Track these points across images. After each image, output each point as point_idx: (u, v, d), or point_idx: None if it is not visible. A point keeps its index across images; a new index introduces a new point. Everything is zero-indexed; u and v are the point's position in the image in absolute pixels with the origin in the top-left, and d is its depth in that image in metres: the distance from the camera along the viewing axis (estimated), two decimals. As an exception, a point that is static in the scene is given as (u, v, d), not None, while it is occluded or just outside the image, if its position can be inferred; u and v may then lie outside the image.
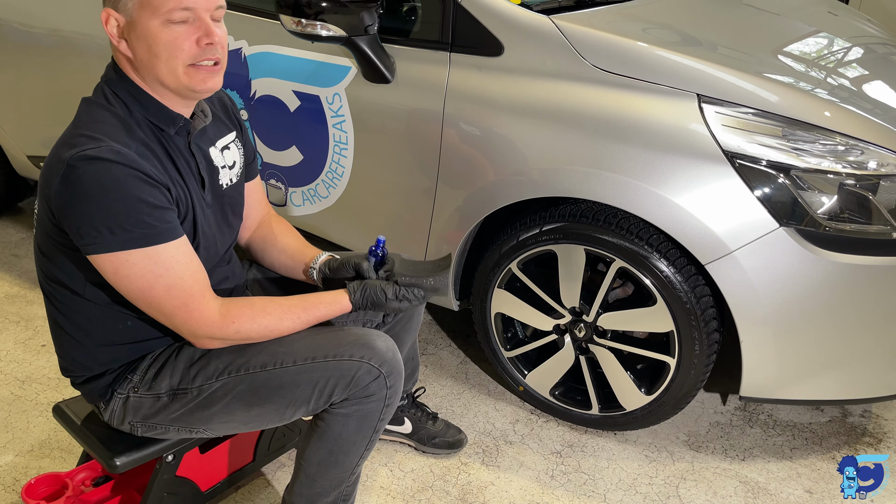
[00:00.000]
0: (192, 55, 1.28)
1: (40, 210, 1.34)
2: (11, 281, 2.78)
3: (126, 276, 1.26)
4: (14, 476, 1.91)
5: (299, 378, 1.38)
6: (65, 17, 2.49)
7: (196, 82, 1.30)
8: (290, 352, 1.39)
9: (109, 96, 1.32)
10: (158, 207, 1.25)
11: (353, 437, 1.44)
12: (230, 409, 1.41)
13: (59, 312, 1.43)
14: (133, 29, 1.27)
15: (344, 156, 2.11)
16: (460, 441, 2.03)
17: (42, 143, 2.78)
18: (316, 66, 2.07)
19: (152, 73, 1.29)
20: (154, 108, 1.33)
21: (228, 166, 1.49)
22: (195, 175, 1.39)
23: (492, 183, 1.92)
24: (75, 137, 1.25)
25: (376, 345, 1.41)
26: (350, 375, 1.38)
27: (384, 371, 1.40)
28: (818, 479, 1.97)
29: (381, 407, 1.43)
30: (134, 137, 1.28)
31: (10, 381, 2.24)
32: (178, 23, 1.26)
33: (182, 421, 1.44)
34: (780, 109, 1.71)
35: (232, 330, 1.34)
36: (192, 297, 1.30)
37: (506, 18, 1.86)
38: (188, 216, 1.36)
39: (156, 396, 1.42)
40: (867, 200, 1.68)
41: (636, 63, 1.78)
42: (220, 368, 1.40)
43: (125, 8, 1.26)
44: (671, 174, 1.71)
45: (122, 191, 1.21)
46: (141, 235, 1.23)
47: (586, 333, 2.01)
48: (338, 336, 1.42)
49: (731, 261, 1.70)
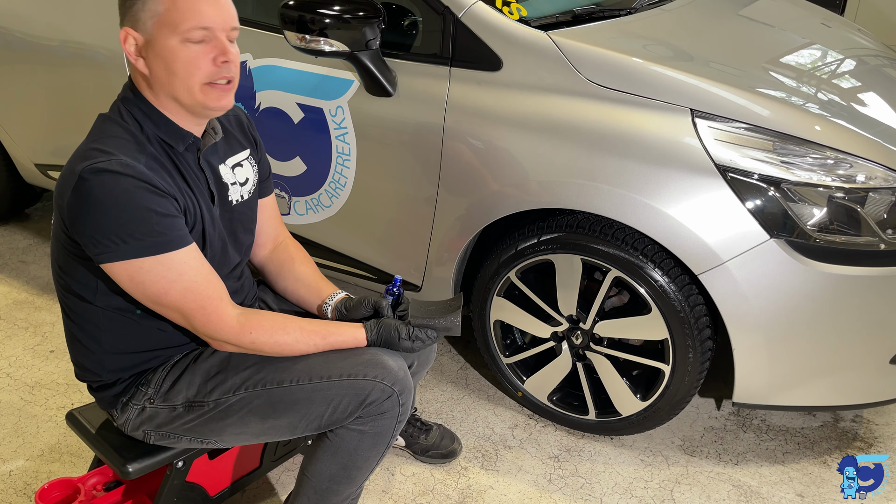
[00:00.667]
0: (209, 73, 1.32)
1: (55, 221, 1.38)
2: (19, 287, 2.83)
3: (141, 283, 1.31)
4: (25, 480, 1.96)
5: (315, 395, 1.43)
6: (72, 28, 2.54)
7: (210, 100, 1.34)
8: (307, 369, 1.44)
9: (123, 113, 1.36)
10: (167, 216, 1.29)
11: (368, 452, 1.49)
12: (245, 421, 1.46)
13: (72, 321, 1.48)
14: (151, 47, 1.31)
15: (346, 166, 2.16)
16: (454, 451, 2.07)
17: (49, 152, 2.83)
18: (319, 79, 2.11)
19: (168, 90, 1.33)
20: (165, 125, 1.37)
21: (240, 183, 1.53)
22: (205, 189, 1.44)
23: (491, 194, 1.96)
24: (87, 151, 1.29)
25: (389, 364, 1.45)
26: (364, 394, 1.43)
27: (396, 390, 1.44)
28: (809, 483, 2.02)
29: (394, 423, 1.47)
30: (144, 152, 1.32)
31: (19, 387, 2.29)
32: (196, 42, 1.29)
33: (195, 431, 1.48)
34: (771, 124, 1.76)
35: (248, 339, 1.39)
36: (210, 301, 1.35)
37: (504, 34, 1.91)
38: (196, 227, 1.40)
39: (171, 407, 1.47)
40: (856, 213, 1.73)
41: (631, 78, 1.82)
42: (237, 384, 1.44)
43: (144, 27, 1.30)
44: (665, 187, 1.76)
45: (132, 201, 1.26)
46: (152, 244, 1.28)
47: (583, 340, 2.06)
48: (352, 355, 1.46)
49: (723, 271, 1.75)
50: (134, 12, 1.30)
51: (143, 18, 1.29)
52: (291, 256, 1.69)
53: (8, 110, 2.85)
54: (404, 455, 2.08)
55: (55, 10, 2.58)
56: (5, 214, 3.26)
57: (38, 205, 3.44)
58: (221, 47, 1.32)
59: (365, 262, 2.29)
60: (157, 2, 1.28)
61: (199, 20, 1.28)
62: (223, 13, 1.31)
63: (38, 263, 2.99)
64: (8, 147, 2.96)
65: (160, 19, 1.28)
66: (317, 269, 1.70)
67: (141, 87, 1.37)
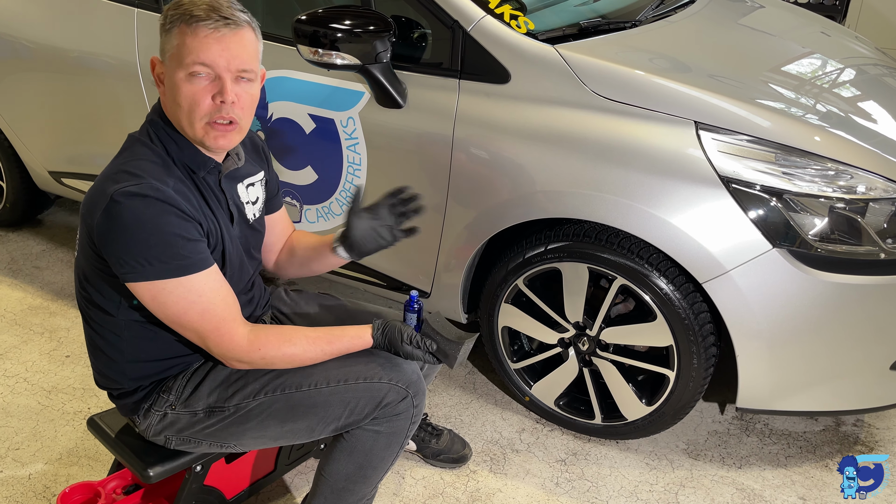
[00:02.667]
0: (208, 112, 1.36)
1: (82, 236, 1.43)
2: (34, 292, 2.88)
3: (163, 303, 1.36)
4: (44, 483, 2.01)
5: (332, 398, 1.49)
6: (87, 40, 2.58)
7: (209, 139, 1.38)
8: (324, 374, 1.50)
9: (152, 135, 1.42)
10: (191, 241, 1.35)
11: (383, 452, 1.55)
12: (264, 425, 1.51)
13: (93, 331, 1.53)
14: (167, 76, 1.38)
15: (357, 176, 2.21)
16: (465, 456, 2.12)
17: (63, 160, 2.88)
18: (331, 90, 2.16)
19: (177, 121, 1.40)
20: (188, 150, 1.43)
21: (251, 202, 1.59)
22: (225, 211, 1.50)
23: (499, 204, 2.01)
24: (119, 174, 1.34)
25: (404, 368, 1.53)
26: (380, 396, 1.49)
27: (411, 392, 1.52)
28: (812, 487, 2.06)
29: (408, 424, 1.54)
30: (171, 175, 1.38)
31: (37, 392, 2.34)
32: (200, 77, 1.34)
33: (215, 436, 1.53)
34: (772, 135, 1.80)
35: (258, 356, 1.44)
36: (224, 322, 1.40)
37: (512, 48, 1.95)
38: (217, 248, 1.45)
39: (192, 413, 1.52)
40: (856, 223, 1.77)
41: (636, 91, 1.86)
42: (257, 389, 1.50)
43: (164, 56, 1.38)
44: (670, 197, 1.80)
45: (160, 226, 1.31)
46: (176, 267, 1.33)
47: (589, 347, 2.10)
48: (368, 359, 1.53)
49: (727, 280, 1.79)
50: (161, 43, 1.37)
51: (165, 49, 1.37)
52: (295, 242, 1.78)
53: (22, 119, 2.89)
54: (414, 459, 2.12)
55: (69, 20, 2.63)
56: (19, 220, 3.31)
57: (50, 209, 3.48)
58: (221, 87, 1.35)
59: (375, 270, 2.33)
60: (175, 36, 1.34)
61: (200, 56, 1.32)
62: (227, 54, 1.33)
63: (51, 269, 3.04)
64: (22, 154, 3.01)
65: (174, 52, 1.35)
66: (312, 234, 1.80)
67: (167, 112, 1.42)
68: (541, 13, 2.24)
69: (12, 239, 3.26)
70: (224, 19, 1.33)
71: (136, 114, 2.54)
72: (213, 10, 1.33)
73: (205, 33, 1.32)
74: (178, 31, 1.33)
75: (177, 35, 1.34)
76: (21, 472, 2.04)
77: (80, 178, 2.86)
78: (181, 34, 1.33)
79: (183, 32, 1.33)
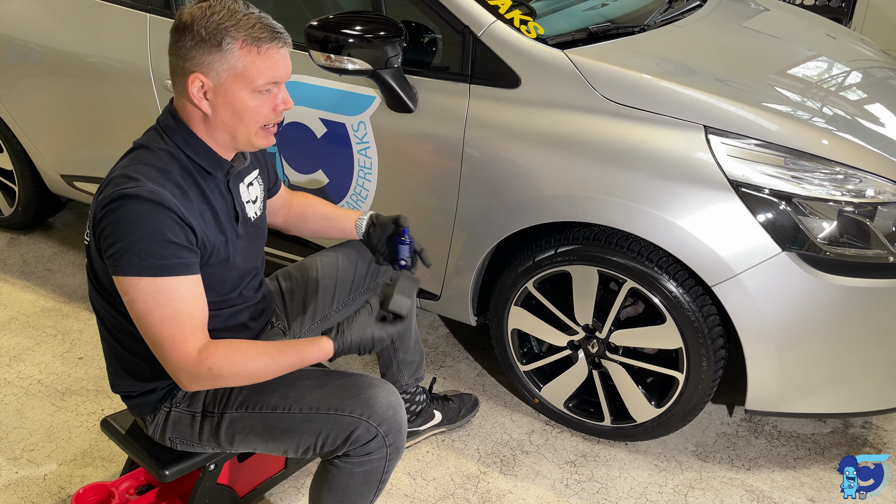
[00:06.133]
0: (268, 118, 1.45)
1: (90, 239, 1.46)
2: (46, 295, 2.90)
3: (132, 299, 1.36)
4: (59, 484, 2.03)
5: (304, 426, 1.49)
6: (100, 44, 2.61)
7: (261, 141, 1.47)
8: (298, 398, 1.50)
9: (165, 139, 1.45)
10: (175, 244, 1.35)
11: (360, 489, 1.54)
12: (249, 441, 1.55)
13: (107, 331, 1.56)
14: (221, 94, 1.39)
15: (368, 179, 2.22)
16: (476, 401, 2.32)
17: (75, 163, 2.91)
18: (342, 95, 2.18)
19: (230, 130, 1.43)
20: (205, 154, 1.46)
21: (252, 201, 1.62)
22: (231, 210, 1.53)
23: (509, 207, 2.02)
24: (119, 178, 1.38)
25: (377, 402, 1.48)
26: (348, 432, 1.47)
27: (382, 430, 1.48)
28: (820, 488, 2.07)
29: (384, 462, 1.52)
30: (169, 179, 1.40)
31: (50, 393, 2.36)
32: (268, 93, 1.42)
33: (211, 442, 1.57)
34: (780, 139, 1.81)
35: (205, 367, 1.36)
36: (182, 332, 1.36)
37: (523, 53, 1.97)
38: (218, 248, 1.47)
39: (192, 414, 1.56)
40: (865, 226, 1.78)
41: (646, 95, 1.88)
42: (238, 400, 1.52)
43: (217, 76, 1.38)
44: (679, 201, 1.81)
45: (147, 224, 1.33)
46: (152, 265, 1.33)
47: (599, 349, 2.11)
48: (344, 386, 1.51)
49: (736, 283, 1.81)
50: (209, 63, 1.37)
51: (218, 69, 1.37)
52: (307, 203, 1.90)
53: (34, 123, 2.92)
54: (426, 459, 2.14)
55: (82, 25, 2.65)
56: (30, 224, 3.34)
57: (61, 213, 3.51)
58: (284, 97, 1.44)
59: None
60: (238, 59, 1.36)
61: (272, 77, 1.40)
62: (288, 68, 1.44)
63: (63, 272, 3.06)
64: (34, 158, 3.03)
65: (237, 73, 1.38)
66: (331, 203, 1.94)
67: (190, 120, 1.45)
68: (550, 18, 2.25)
69: (24, 242, 3.29)
70: (280, 35, 1.40)
71: (148, 118, 2.56)
72: (268, 27, 1.39)
73: (275, 54, 1.39)
74: (243, 53, 1.36)
75: (239, 56, 1.36)
76: (36, 472, 2.06)
77: (92, 181, 2.88)
78: (248, 55, 1.36)
79: (251, 54, 1.36)
